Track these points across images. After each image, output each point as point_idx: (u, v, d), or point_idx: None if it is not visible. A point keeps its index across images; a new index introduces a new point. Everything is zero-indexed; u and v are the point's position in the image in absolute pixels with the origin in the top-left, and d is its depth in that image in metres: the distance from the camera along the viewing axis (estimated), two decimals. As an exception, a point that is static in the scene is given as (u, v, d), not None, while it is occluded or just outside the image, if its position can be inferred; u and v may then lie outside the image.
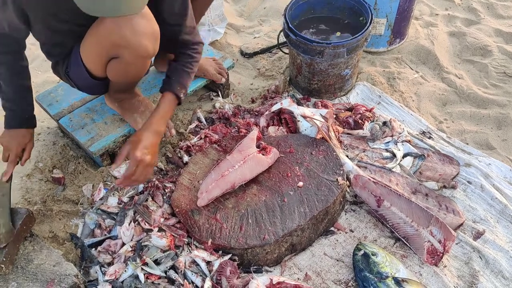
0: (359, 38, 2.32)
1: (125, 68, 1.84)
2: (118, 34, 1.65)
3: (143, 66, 1.91)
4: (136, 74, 1.97)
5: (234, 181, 1.93)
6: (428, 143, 2.32)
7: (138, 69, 1.91)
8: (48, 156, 2.21)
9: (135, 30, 1.64)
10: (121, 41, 1.67)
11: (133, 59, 1.77)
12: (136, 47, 1.70)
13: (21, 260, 1.70)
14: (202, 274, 1.74)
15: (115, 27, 1.63)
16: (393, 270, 1.72)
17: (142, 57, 1.77)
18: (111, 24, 1.64)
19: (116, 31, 1.64)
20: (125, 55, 1.74)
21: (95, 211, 1.99)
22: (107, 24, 1.64)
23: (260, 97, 2.65)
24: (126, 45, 1.68)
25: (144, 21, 1.67)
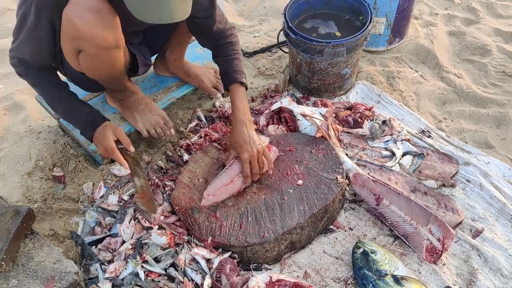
0: (358, 37, 2.33)
1: (91, 61, 1.77)
2: (73, 26, 1.59)
3: (110, 58, 1.80)
4: (107, 68, 1.85)
5: (240, 186, 1.94)
6: (427, 142, 2.32)
7: (106, 62, 1.81)
8: (48, 155, 2.22)
9: (88, 20, 1.59)
10: (77, 33, 1.61)
11: (95, 51, 1.70)
12: (93, 38, 1.64)
13: (21, 257, 1.70)
14: (202, 271, 1.74)
15: (69, 18, 1.58)
16: (392, 268, 1.72)
17: (103, 48, 1.70)
18: (66, 16, 1.58)
19: (70, 23, 1.59)
20: (85, 47, 1.69)
21: (95, 209, 1.99)
22: (63, 18, 1.59)
23: (260, 96, 2.66)
24: (82, 37, 1.63)
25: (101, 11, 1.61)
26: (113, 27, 1.68)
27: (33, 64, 1.79)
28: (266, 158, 1.94)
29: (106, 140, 1.90)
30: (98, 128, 1.92)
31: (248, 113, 1.97)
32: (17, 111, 2.53)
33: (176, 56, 2.35)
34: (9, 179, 2.14)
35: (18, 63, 1.79)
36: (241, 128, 1.92)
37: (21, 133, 2.36)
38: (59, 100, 1.91)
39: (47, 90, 1.89)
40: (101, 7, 1.60)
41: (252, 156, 1.89)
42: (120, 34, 1.73)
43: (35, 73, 1.83)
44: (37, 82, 1.86)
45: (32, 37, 1.66)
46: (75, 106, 1.92)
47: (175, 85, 2.46)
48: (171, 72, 2.45)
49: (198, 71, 2.41)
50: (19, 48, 1.73)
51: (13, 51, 1.76)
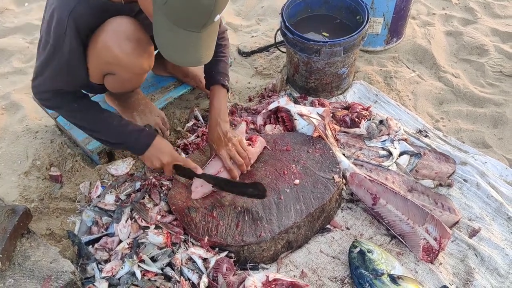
0: (355, 37, 2.33)
1: (121, 83, 1.86)
2: (111, 54, 1.63)
3: (139, 80, 1.92)
4: (132, 87, 1.98)
5: (229, 177, 1.96)
6: (424, 142, 2.32)
7: (134, 83, 1.93)
8: (45, 154, 2.21)
9: (127, 49, 1.64)
10: (114, 61, 1.66)
11: (128, 76, 1.78)
12: (130, 66, 1.70)
13: (18, 256, 1.69)
14: (198, 271, 1.74)
15: (108, 46, 1.62)
16: (388, 267, 1.72)
17: (137, 74, 1.79)
18: (103, 43, 1.62)
19: (108, 51, 1.63)
20: (120, 72, 1.75)
21: (92, 208, 1.99)
22: (100, 43, 1.63)
23: (257, 95, 2.65)
24: (119, 64, 1.68)
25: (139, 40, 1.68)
26: (150, 55, 1.76)
27: (67, 91, 1.76)
28: (244, 148, 1.99)
29: (169, 148, 1.90)
30: (155, 139, 1.88)
31: (224, 115, 2.00)
32: (14, 111, 2.52)
33: None
34: (6, 178, 2.13)
35: (51, 95, 1.75)
36: (215, 127, 1.96)
37: (18, 133, 2.35)
38: (102, 120, 1.84)
39: (88, 113, 1.83)
40: (140, 36, 1.66)
41: (229, 150, 1.94)
42: (153, 60, 1.81)
43: (74, 98, 1.79)
44: (77, 108, 1.80)
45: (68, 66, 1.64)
46: (122, 123, 1.88)
47: (172, 85, 2.46)
48: (169, 72, 2.45)
49: (196, 71, 2.41)
50: (50, 81, 1.69)
51: (41, 85, 1.72)
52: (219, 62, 2.05)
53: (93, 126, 1.85)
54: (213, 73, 2.04)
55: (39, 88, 1.73)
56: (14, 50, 2.95)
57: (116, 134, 1.86)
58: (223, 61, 2.07)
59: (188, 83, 2.44)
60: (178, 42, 1.47)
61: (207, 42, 1.52)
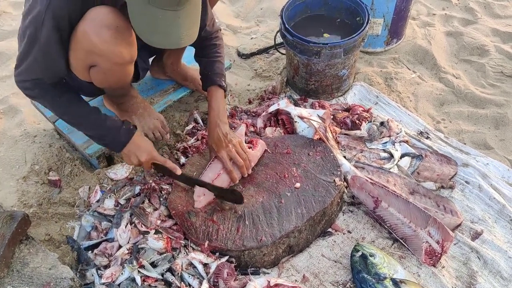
0: (356, 38, 2.32)
1: (105, 75, 1.78)
2: (89, 42, 1.58)
3: (123, 72, 1.83)
4: (118, 80, 1.88)
5: (229, 181, 1.96)
6: (425, 143, 2.31)
7: (119, 75, 1.83)
8: (44, 159, 2.20)
9: (106, 37, 1.58)
10: (93, 49, 1.60)
11: (109, 66, 1.71)
12: (109, 55, 1.64)
13: (16, 263, 1.68)
14: (199, 276, 1.72)
15: (85, 34, 1.57)
16: (391, 271, 1.71)
17: (118, 63, 1.71)
18: (81, 31, 1.57)
19: (86, 39, 1.58)
20: (100, 62, 1.69)
21: (91, 213, 1.98)
22: (79, 32, 1.57)
23: (257, 98, 2.64)
24: (99, 53, 1.62)
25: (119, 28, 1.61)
26: (130, 44, 1.69)
27: (47, 82, 1.72)
28: (245, 150, 1.98)
29: (148, 146, 1.88)
30: (134, 136, 1.86)
31: (224, 115, 2.00)
32: (13, 115, 2.51)
33: (173, 59, 2.33)
34: (4, 183, 2.12)
35: (31, 85, 1.71)
36: (215, 129, 1.96)
37: (16, 137, 2.34)
38: (83, 113, 1.81)
39: (67, 105, 1.79)
40: (119, 24, 1.59)
41: (229, 151, 1.93)
42: (135, 50, 1.75)
43: (53, 89, 1.75)
44: (57, 98, 1.76)
45: (46, 56, 1.60)
46: (101, 117, 1.83)
47: (171, 88, 2.44)
48: (168, 76, 2.44)
49: (195, 75, 2.39)
50: (30, 69, 1.65)
51: (21, 74, 1.69)
52: (215, 62, 2.04)
53: (73, 118, 1.83)
54: (209, 74, 2.03)
55: (20, 77, 1.70)
56: (12, 54, 2.93)
57: (96, 129, 1.84)
58: (219, 61, 2.06)
59: (187, 86, 2.43)
60: (155, 23, 1.42)
61: (187, 21, 1.46)
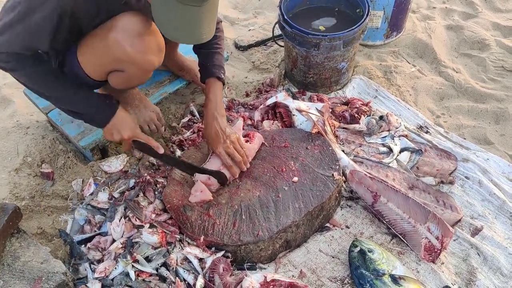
0: (355, 30, 2.28)
1: (129, 79, 1.83)
2: (122, 51, 1.62)
3: (147, 76, 1.89)
4: (139, 83, 1.96)
5: (228, 176, 1.92)
6: (425, 138, 2.28)
7: (141, 80, 1.90)
8: (36, 150, 2.16)
9: (139, 47, 1.63)
10: (126, 58, 1.65)
11: (137, 73, 1.76)
12: (141, 63, 1.69)
13: (7, 257, 1.65)
14: (194, 271, 1.70)
15: (119, 44, 1.61)
16: (390, 267, 1.69)
17: (147, 70, 1.78)
18: (114, 40, 1.61)
19: (120, 48, 1.62)
20: (130, 69, 1.73)
21: (84, 206, 1.95)
22: (110, 41, 1.61)
23: (254, 90, 2.61)
24: (130, 61, 1.67)
25: (149, 36, 1.67)
26: (160, 50, 1.75)
27: (26, 55, 1.65)
28: (242, 146, 1.95)
29: (131, 122, 1.83)
30: (117, 112, 1.80)
31: (221, 108, 1.96)
32: (5, 106, 2.46)
33: (169, 49, 2.28)
34: (-5, 175, 2.08)
35: (8, 57, 1.63)
36: (212, 122, 1.92)
37: (8, 128, 2.30)
38: (62, 87, 1.73)
39: (47, 78, 1.72)
40: (150, 31, 1.64)
41: (227, 147, 1.90)
42: (163, 54, 1.79)
43: (32, 63, 1.66)
44: (35, 72, 1.69)
45: (32, 35, 1.55)
46: (83, 91, 1.78)
47: (167, 79, 2.40)
48: (164, 66, 2.39)
49: (191, 65, 2.36)
50: (10, 43, 1.58)
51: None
52: (214, 54, 2.01)
53: (52, 93, 1.75)
54: (208, 66, 2.00)
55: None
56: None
57: (76, 104, 1.77)
58: (218, 53, 2.03)
59: (183, 77, 2.39)
60: (178, 19, 1.42)
61: (208, 17, 1.47)
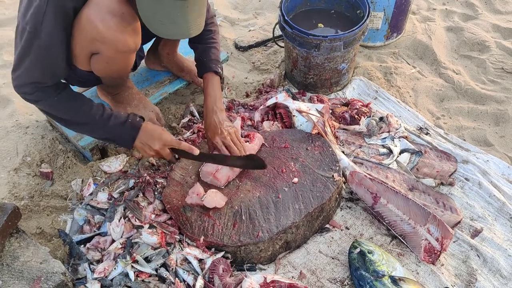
0: (356, 32, 2.28)
1: (107, 63, 1.75)
2: (94, 29, 1.56)
3: (126, 61, 1.82)
4: (119, 69, 1.86)
5: (228, 174, 1.91)
6: (425, 139, 2.28)
7: (121, 64, 1.81)
8: (36, 150, 2.15)
9: (111, 23, 1.56)
10: (98, 37, 1.58)
11: (112, 54, 1.68)
12: (114, 42, 1.61)
13: (6, 257, 1.64)
14: (194, 272, 1.70)
15: (91, 21, 1.54)
16: (389, 268, 1.68)
17: (122, 51, 1.69)
18: (86, 18, 1.54)
19: (91, 25, 1.55)
20: (104, 50, 1.66)
21: (84, 206, 1.95)
22: (83, 19, 1.55)
23: (254, 91, 2.61)
24: (102, 40, 1.60)
25: (123, 15, 1.59)
26: (135, 31, 1.68)
27: (48, 85, 1.65)
28: (240, 140, 1.96)
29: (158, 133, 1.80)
30: (141, 128, 1.78)
31: (220, 102, 1.98)
32: (4, 105, 2.46)
33: (169, 50, 2.29)
34: (-5, 175, 2.08)
35: (31, 89, 1.63)
36: (211, 115, 1.94)
37: (8, 128, 2.29)
38: (86, 113, 1.72)
39: (71, 106, 1.72)
40: (124, 11, 1.57)
41: (224, 138, 1.91)
42: (139, 38, 1.73)
43: (54, 91, 1.67)
44: (59, 102, 1.69)
45: (47, 53, 1.55)
46: (105, 116, 1.74)
47: (167, 80, 2.40)
48: (163, 66, 2.39)
49: (191, 66, 2.35)
50: (30, 72, 1.59)
51: (20, 78, 1.61)
52: (210, 49, 2.01)
53: (77, 119, 1.74)
54: (204, 61, 2.00)
55: (19, 80, 1.62)
56: (4, 43, 2.87)
57: (101, 129, 1.76)
58: (214, 47, 2.03)
59: (183, 78, 2.39)
60: (164, 13, 1.41)
61: (195, 10, 1.45)
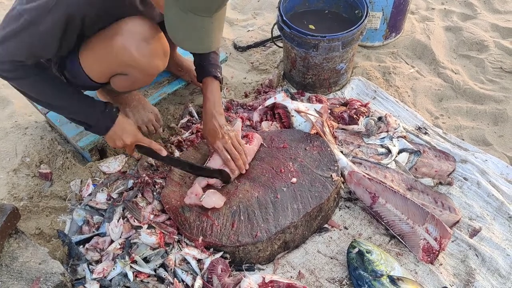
0: (354, 32, 2.28)
1: (132, 82, 1.82)
2: (129, 56, 1.62)
3: (151, 80, 1.88)
4: (141, 86, 1.95)
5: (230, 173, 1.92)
6: (424, 139, 2.28)
7: (145, 83, 1.89)
8: (35, 151, 2.15)
9: (145, 51, 1.63)
10: (132, 63, 1.65)
11: (141, 77, 1.76)
12: (146, 68, 1.69)
13: (5, 257, 1.64)
14: (192, 272, 1.70)
15: (125, 48, 1.61)
16: (388, 268, 1.68)
17: (151, 75, 1.78)
18: (120, 45, 1.60)
19: (126, 53, 1.61)
20: (134, 74, 1.73)
21: (83, 207, 1.95)
22: (116, 46, 1.61)
23: (253, 91, 2.61)
24: (136, 66, 1.67)
25: (155, 40, 1.67)
26: (165, 55, 1.75)
27: (28, 64, 1.63)
28: (240, 143, 1.96)
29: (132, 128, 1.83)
30: (118, 119, 1.80)
31: (219, 107, 1.98)
32: (3, 106, 2.46)
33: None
34: (-6, 176, 2.08)
35: (11, 66, 1.60)
36: (211, 120, 1.93)
37: (7, 129, 2.29)
38: (65, 96, 1.73)
39: (49, 87, 1.71)
40: (156, 35, 1.65)
41: (225, 142, 1.90)
42: (167, 59, 1.79)
43: (35, 71, 1.66)
44: (40, 81, 1.68)
45: (38, 43, 1.54)
46: (84, 99, 1.76)
47: (166, 80, 2.40)
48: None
49: (190, 66, 2.35)
50: (13, 51, 1.56)
51: (1, 55, 1.58)
52: (210, 53, 2.02)
53: (54, 102, 1.74)
54: (204, 65, 2.01)
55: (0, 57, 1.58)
56: (4, 44, 2.87)
57: (77, 114, 1.77)
58: (214, 52, 2.04)
59: (183, 77, 2.39)
60: (190, 28, 1.44)
61: (217, 26, 1.50)
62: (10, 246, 1.68)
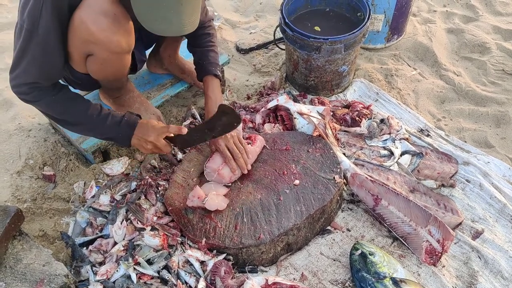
0: (356, 34, 2.29)
1: (101, 64, 1.74)
2: (86, 31, 1.56)
3: (120, 62, 1.80)
4: (115, 71, 1.85)
5: (230, 176, 1.92)
6: (426, 141, 2.29)
7: (115, 66, 1.80)
8: (38, 153, 2.16)
9: (103, 24, 1.56)
10: (90, 37, 1.58)
11: (106, 55, 1.68)
12: (106, 43, 1.61)
13: (9, 259, 1.65)
14: (196, 274, 1.70)
15: (83, 22, 1.54)
16: (391, 270, 1.69)
17: (115, 52, 1.68)
18: (78, 19, 1.54)
19: (83, 27, 1.55)
20: (97, 51, 1.66)
21: (86, 209, 1.95)
22: (76, 21, 1.55)
23: (256, 93, 2.61)
24: (95, 42, 1.60)
25: (115, 15, 1.59)
26: (127, 32, 1.68)
27: (45, 85, 1.66)
28: (242, 143, 1.96)
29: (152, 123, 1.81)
30: (136, 127, 1.79)
31: None
32: (7, 108, 2.46)
33: (170, 52, 2.30)
34: (-3, 178, 2.09)
35: (28, 89, 1.64)
36: None
37: (10, 131, 2.30)
38: (84, 113, 1.74)
39: (68, 106, 1.73)
40: (116, 12, 1.58)
41: (227, 141, 1.90)
42: (133, 39, 1.73)
43: (51, 91, 1.68)
44: (56, 101, 1.71)
45: (44, 51, 1.56)
46: (101, 116, 1.76)
47: (169, 82, 2.40)
48: (165, 69, 2.40)
49: (192, 68, 2.36)
50: (26, 72, 1.59)
51: (18, 78, 1.61)
52: (209, 52, 2.02)
53: (74, 120, 1.76)
54: (204, 64, 2.01)
55: (17, 81, 1.63)
56: (7, 46, 2.88)
57: (98, 129, 1.79)
58: (213, 50, 2.04)
59: (185, 80, 2.40)
60: (158, 9, 1.42)
61: (189, 7, 1.46)
62: (14, 248, 1.69)
